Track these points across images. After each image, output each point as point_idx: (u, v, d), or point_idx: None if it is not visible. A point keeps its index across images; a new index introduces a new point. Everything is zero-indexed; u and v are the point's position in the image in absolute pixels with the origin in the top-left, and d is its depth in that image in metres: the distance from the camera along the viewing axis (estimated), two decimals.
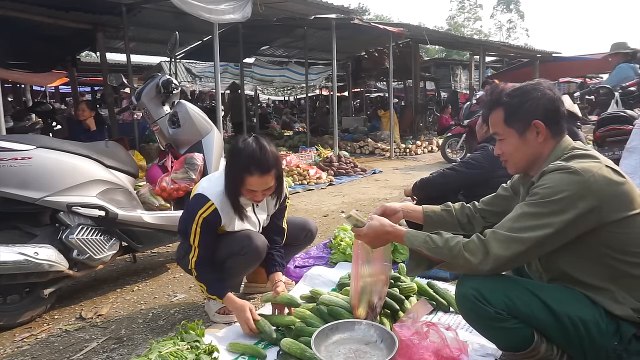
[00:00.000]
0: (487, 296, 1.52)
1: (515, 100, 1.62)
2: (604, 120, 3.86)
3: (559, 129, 1.61)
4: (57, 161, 2.56)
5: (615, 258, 1.48)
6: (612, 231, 1.46)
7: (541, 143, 1.61)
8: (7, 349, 2.28)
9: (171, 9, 6.62)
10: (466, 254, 1.51)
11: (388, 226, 1.74)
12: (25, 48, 8.46)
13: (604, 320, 1.46)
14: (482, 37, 34.74)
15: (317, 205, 5.46)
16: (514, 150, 1.65)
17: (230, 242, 2.32)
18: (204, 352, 1.84)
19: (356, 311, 2.09)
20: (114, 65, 12.19)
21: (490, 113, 1.70)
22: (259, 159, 2.12)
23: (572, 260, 1.53)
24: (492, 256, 1.48)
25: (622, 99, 6.47)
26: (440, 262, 1.60)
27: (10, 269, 2.31)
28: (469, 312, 1.60)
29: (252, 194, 2.21)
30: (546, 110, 1.59)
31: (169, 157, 3.44)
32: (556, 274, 1.59)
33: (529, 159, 1.64)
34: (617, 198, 1.45)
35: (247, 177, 2.13)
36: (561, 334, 1.49)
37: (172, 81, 3.42)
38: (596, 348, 1.46)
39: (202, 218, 2.21)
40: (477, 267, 1.50)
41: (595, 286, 1.51)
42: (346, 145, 10.57)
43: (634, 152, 2.96)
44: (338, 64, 12.41)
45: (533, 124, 1.59)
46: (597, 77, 21.26)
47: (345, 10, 8.44)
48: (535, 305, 1.49)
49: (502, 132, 1.66)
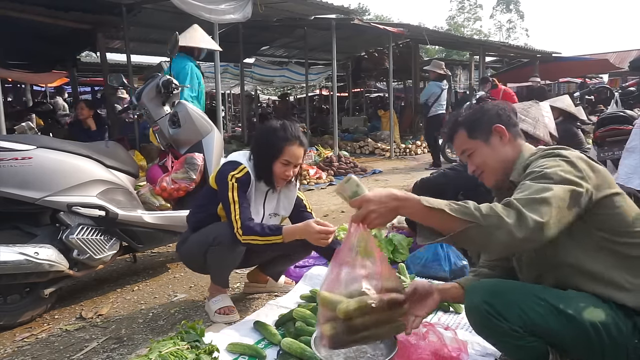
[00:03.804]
0: (501, 310, 1.43)
1: (472, 117, 1.74)
2: (604, 120, 3.87)
3: (517, 131, 1.72)
4: (57, 161, 2.57)
5: (610, 240, 1.49)
6: (598, 213, 1.48)
7: (507, 145, 1.69)
8: (8, 349, 2.28)
9: (171, 9, 6.63)
10: (499, 212, 1.34)
11: (397, 192, 1.46)
12: (25, 48, 8.45)
13: (621, 319, 1.43)
14: (482, 37, 34.73)
15: (317, 205, 5.46)
16: (485, 159, 1.70)
17: (207, 231, 2.35)
18: (204, 352, 1.84)
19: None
20: (114, 65, 12.18)
21: (454, 138, 1.78)
22: (297, 131, 2.33)
23: (574, 250, 1.51)
24: (527, 218, 1.32)
25: (622, 99, 6.49)
26: (455, 233, 1.37)
27: (10, 268, 2.31)
28: (481, 327, 1.52)
29: (284, 168, 2.30)
30: (501, 116, 1.71)
31: (169, 157, 3.44)
32: (564, 270, 1.54)
33: (501, 163, 1.69)
34: (599, 174, 1.51)
35: (286, 146, 2.27)
36: (583, 343, 1.43)
37: (172, 81, 3.42)
38: (617, 351, 1.43)
39: (235, 178, 2.28)
40: (511, 229, 1.32)
41: (603, 277, 1.48)
42: (346, 145, 10.57)
43: (634, 152, 2.96)
44: (338, 64, 12.40)
45: (494, 128, 1.69)
46: (597, 77, 21.28)
47: (345, 10, 8.45)
48: (553, 317, 1.42)
49: (469, 146, 1.73)
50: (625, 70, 16.75)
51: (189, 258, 2.51)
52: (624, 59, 17.45)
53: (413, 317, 1.66)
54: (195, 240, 2.40)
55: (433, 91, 8.01)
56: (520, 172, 1.62)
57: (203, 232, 2.38)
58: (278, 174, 2.33)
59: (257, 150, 2.37)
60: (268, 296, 2.77)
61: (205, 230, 2.38)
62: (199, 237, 2.38)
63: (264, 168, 2.33)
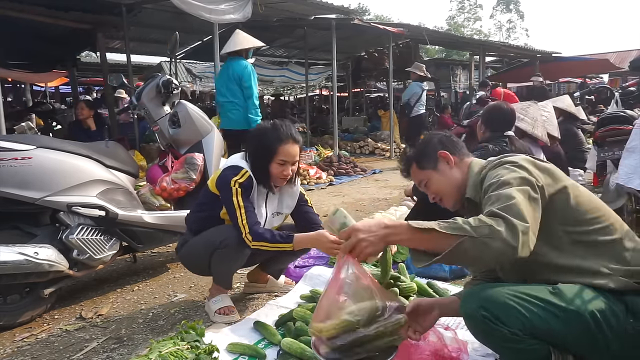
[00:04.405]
0: (499, 314, 1.42)
1: (418, 150, 1.86)
2: (604, 120, 3.86)
3: (462, 152, 1.82)
4: (57, 161, 2.57)
5: (574, 232, 1.54)
6: (555, 208, 1.53)
7: (454, 168, 1.78)
8: (7, 349, 2.28)
9: (171, 9, 6.63)
10: (489, 222, 1.35)
11: (385, 220, 1.50)
12: (25, 48, 8.44)
13: (614, 303, 1.44)
14: (482, 37, 34.73)
15: (317, 205, 5.43)
16: (439, 185, 1.79)
17: (211, 234, 2.34)
18: (204, 352, 1.84)
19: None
20: (114, 65, 12.17)
21: (410, 173, 1.87)
22: (289, 129, 2.33)
23: (547, 251, 1.53)
24: (515, 223, 1.34)
25: (622, 99, 6.50)
26: (449, 250, 1.36)
27: (10, 269, 2.31)
28: (480, 334, 1.51)
29: (282, 168, 2.30)
30: (444, 143, 1.82)
31: (169, 157, 3.45)
32: (546, 273, 1.55)
33: (454, 187, 1.76)
34: (546, 172, 1.58)
35: (280, 146, 2.27)
36: (586, 336, 1.42)
37: (172, 81, 3.43)
38: (617, 336, 1.43)
39: (238, 183, 2.27)
40: (505, 237, 1.33)
41: (583, 269, 1.50)
42: (346, 145, 10.57)
43: (634, 152, 2.96)
44: (338, 64, 12.39)
45: (439, 155, 1.78)
46: (597, 77, 21.28)
47: (345, 10, 8.45)
48: (551, 315, 1.41)
49: (422, 177, 1.82)
50: (625, 70, 16.75)
51: (192, 260, 2.49)
52: (624, 59, 17.45)
53: (412, 332, 1.67)
54: (199, 243, 2.39)
55: (415, 91, 8.31)
56: (474, 188, 1.69)
57: (207, 235, 2.37)
58: (277, 175, 2.33)
59: (252, 155, 2.36)
60: (268, 296, 2.77)
61: (209, 234, 2.36)
62: (204, 240, 2.37)
63: (260, 171, 2.32)
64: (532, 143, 3.70)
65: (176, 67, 4.24)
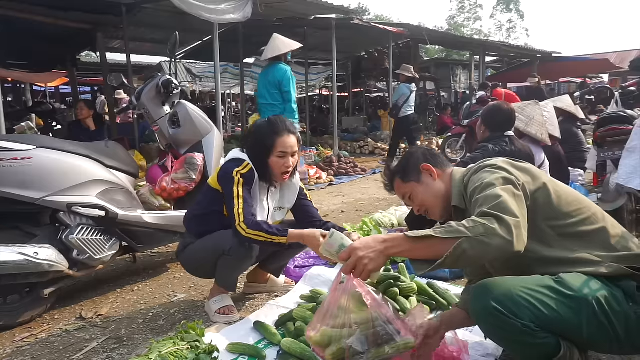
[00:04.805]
0: (511, 307, 1.41)
1: (400, 164, 1.90)
2: (604, 120, 3.86)
3: (444, 164, 1.87)
4: (57, 161, 2.56)
5: (559, 226, 1.58)
6: (538, 205, 1.57)
7: (438, 179, 1.82)
8: (7, 349, 2.28)
9: (171, 9, 6.62)
10: (482, 221, 1.39)
11: (381, 235, 1.53)
12: (25, 48, 8.45)
13: (612, 288, 1.46)
14: (482, 37, 34.73)
15: (317, 205, 5.43)
16: (424, 197, 1.81)
17: (218, 239, 2.33)
18: (204, 352, 1.84)
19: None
20: (114, 65, 12.19)
21: (394, 188, 1.91)
22: (283, 122, 2.38)
23: (537, 247, 1.55)
24: (507, 220, 1.38)
25: (622, 99, 6.50)
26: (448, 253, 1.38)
27: (10, 269, 2.31)
28: (494, 329, 1.48)
29: (282, 160, 2.33)
30: (425, 155, 1.86)
31: (169, 157, 3.44)
32: (539, 268, 1.56)
33: (439, 197, 1.79)
34: (524, 171, 1.64)
35: (277, 139, 2.31)
36: (595, 324, 1.42)
37: (172, 81, 3.42)
38: (620, 320, 1.43)
39: (240, 174, 2.30)
40: (500, 233, 1.37)
41: (574, 261, 1.53)
42: (346, 145, 10.58)
43: (634, 152, 2.96)
44: (338, 64, 12.39)
45: (421, 167, 1.82)
46: (597, 77, 21.29)
47: (345, 10, 8.46)
48: (561, 305, 1.42)
49: (406, 190, 1.85)
50: (625, 70, 16.77)
51: (196, 264, 2.48)
52: (624, 59, 17.44)
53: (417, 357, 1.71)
54: (204, 248, 2.38)
55: (403, 92, 8.37)
56: (459, 196, 1.73)
57: (212, 240, 2.36)
58: (278, 168, 2.35)
59: (251, 151, 2.38)
60: (268, 296, 2.77)
61: (214, 239, 2.35)
62: (209, 245, 2.35)
63: (261, 166, 2.35)
64: (532, 143, 3.70)
65: (176, 67, 4.23)
